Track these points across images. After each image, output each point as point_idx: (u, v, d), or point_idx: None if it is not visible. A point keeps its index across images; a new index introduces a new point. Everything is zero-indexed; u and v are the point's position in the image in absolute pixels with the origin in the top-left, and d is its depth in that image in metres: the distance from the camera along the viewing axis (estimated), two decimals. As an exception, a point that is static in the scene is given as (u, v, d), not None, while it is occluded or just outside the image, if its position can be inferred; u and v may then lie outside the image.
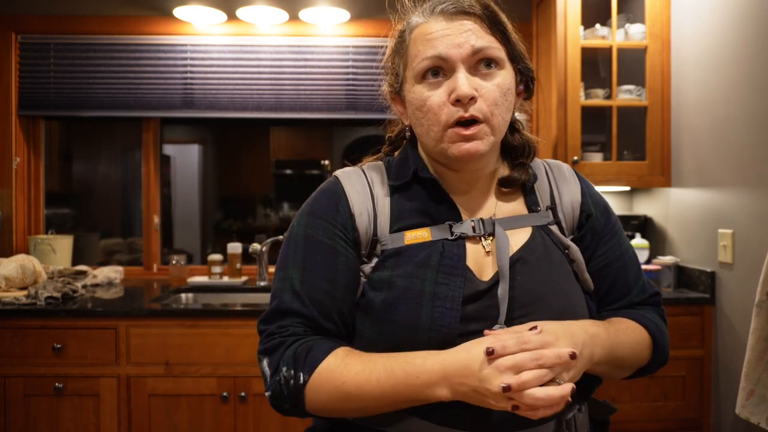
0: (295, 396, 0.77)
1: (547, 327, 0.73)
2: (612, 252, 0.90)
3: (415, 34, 0.83)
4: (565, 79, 2.38)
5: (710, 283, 2.17)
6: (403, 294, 0.78)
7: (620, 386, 2.16)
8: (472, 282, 0.80)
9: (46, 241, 2.68)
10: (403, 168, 0.88)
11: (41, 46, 2.74)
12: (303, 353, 0.77)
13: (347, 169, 0.91)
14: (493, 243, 0.84)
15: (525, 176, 0.89)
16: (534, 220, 0.87)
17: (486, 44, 0.79)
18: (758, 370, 1.52)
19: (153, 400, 2.06)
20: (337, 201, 0.85)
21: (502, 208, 0.88)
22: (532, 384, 0.66)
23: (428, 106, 0.80)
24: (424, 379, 0.72)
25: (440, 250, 0.81)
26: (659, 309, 0.94)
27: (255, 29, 2.76)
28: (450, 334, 0.75)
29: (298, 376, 0.76)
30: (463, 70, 0.79)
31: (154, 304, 2.13)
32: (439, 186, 0.86)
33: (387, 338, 0.78)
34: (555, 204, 0.90)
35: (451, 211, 0.85)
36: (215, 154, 4.90)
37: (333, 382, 0.75)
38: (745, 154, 1.98)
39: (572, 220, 0.90)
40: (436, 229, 0.83)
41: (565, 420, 0.80)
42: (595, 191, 0.95)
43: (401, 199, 0.86)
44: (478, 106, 0.79)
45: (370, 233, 0.84)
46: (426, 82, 0.81)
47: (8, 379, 2.04)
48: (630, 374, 0.91)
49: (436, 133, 0.80)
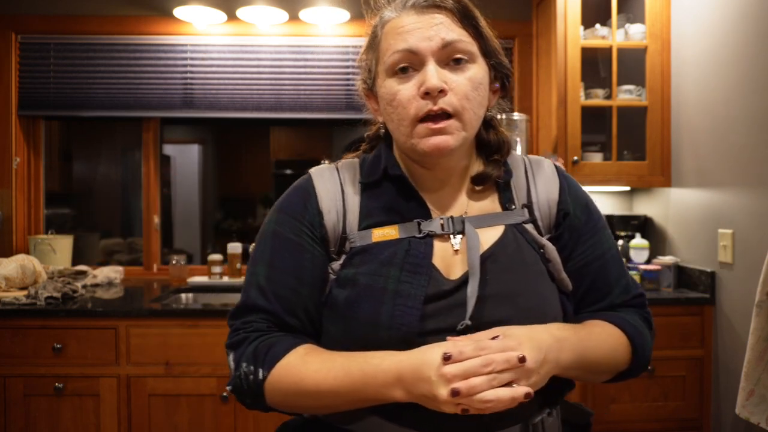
0: (255, 391, 0.78)
1: (510, 332, 0.72)
2: (592, 251, 0.88)
3: (387, 29, 0.82)
4: (565, 79, 2.38)
5: (710, 283, 2.17)
6: (365, 291, 0.78)
7: (620, 386, 2.16)
8: (437, 281, 0.79)
9: (46, 241, 2.68)
10: (375, 166, 0.87)
11: (41, 46, 2.74)
12: (264, 349, 0.78)
13: (321, 167, 0.90)
14: (462, 241, 0.83)
15: (497, 172, 0.87)
16: (507, 219, 0.86)
17: (457, 37, 0.79)
18: (758, 370, 1.53)
19: (153, 400, 2.06)
20: (306, 198, 0.85)
21: (474, 206, 0.87)
22: (482, 389, 0.66)
23: (398, 100, 0.79)
24: (380, 380, 0.72)
25: (406, 247, 0.81)
26: (643, 311, 0.91)
27: (255, 29, 2.76)
28: (410, 332, 0.75)
29: (258, 372, 0.77)
30: (433, 63, 0.78)
31: (154, 304, 2.13)
32: (408, 183, 0.85)
33: (349, 336, 0.78)
34: (531, 202, 0.88)
35: (420, 208, 0.85)
36: (215, 154, 4.90)
37: (291, 379, 0.76)
38: (745, 154, 1.98)
39: (549, 218, 0.88)
40: (404, 227, 0.83)
41: (532, 424, 0.79)
42: (578, 188, 0.92)
43: (371, 197, 0.86)
44: (447, 99, 0.78)
45: (338, 231, 0.84)
46: (397, 77, 0.80)
47: (8, 379, 2.04)
48: (609, 378, 0.88)
49: (406, 128, 0.80)
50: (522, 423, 0.78)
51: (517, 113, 2.43)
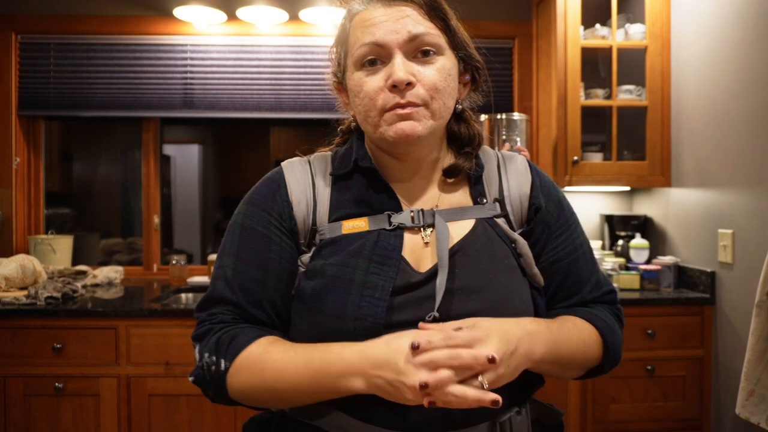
0: (217, 382, 0.77)
1: (480, 323, 0.71)
2: (563, 247, 0.87)
3: (355, 21, 0.82)
4: (565, 79, 2.39)
5: (710, 283, 2.17)
6: (332, 283, 0.78)
7: (620, 386, 2.16)
8: (405, 273, 0.79)
9: (46, 241, 2.68)
10: (346, 158, 0.87)
11: (41, 46, 2.74)
12: (227, 340, 0.77)
13: (293, 160, 0.90)
14: (432, 234, 0.83)
15: (468, 165, 0.87)
16: (478, 212, 0.86)
17: (423, 30, 0.79)
18: (758, 370, 1.53)
19: (153, 400, 2.06)
20: (275, 190, 0.85)
21: (446, 199, 0.87)
22: (450, 382, 0.66)
23: (365, 92, 0.79)
24: (340, 369, 0.71)
25: (375, 239, 0.80)
26: (614, 308, 0.91)
27: (255, 29, 2.76)
28: (376, 324, 0.74)
29: (219, 363, 0.76)
30: (400, 56, 0.78)
31: (154, 304, 2.13)
32: (378, 175, 0.84)
33: (316, 327, 0.78)
34: (503, 196, 0.88)
35: (391, 201, 0.84)
36: (215, 154, 4.90)
37: (253, 369, 0.75)
38: (745, 154, 1.98)
39: (520, 212, 0.88)
40: (374, 219, 0.82)
41: (500, 422, 0.78)
42: (550, 184, 0.92)
43: (341, 189, 0.86)
44: (415, 92, 0.78)
45: (308, 223, 0.84)
46: (365, 69, 0.80)
47: (8, 379, 2.04)
48: (581, 374, 0.88)
49: (373, 119, 0.80)
50: (489, 421, 0.78)
51: (517, 113, 2.43)
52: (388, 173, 0.87)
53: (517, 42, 2.83)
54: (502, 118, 2.40)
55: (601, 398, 2.16)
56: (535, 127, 2.71)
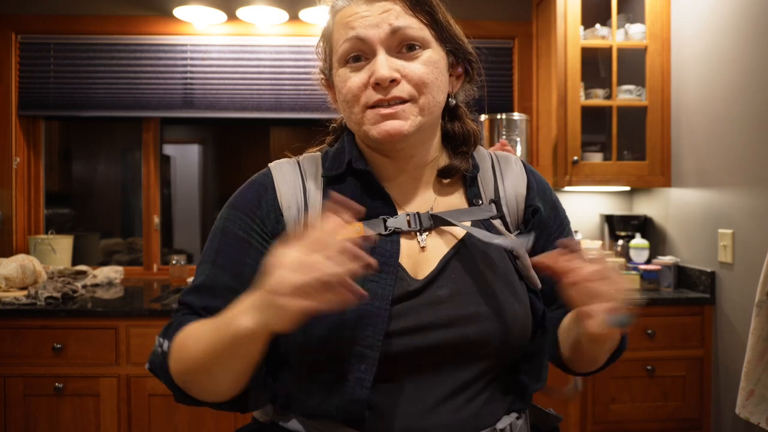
0: (162, 365, 0.74)
1: None
2: None
3: (338, 18, 0.81)
4: (565, 79, 2.38)
5: (710, 283, 2.17)
6: None
7: (620, 386, 2.16)
8: (403, 281, 0.77)
9: (46, 241, 2.68)
10: (338, 158, 0.84)
11: (41, 46, 2.74)
12: (176, 324, 0.75)
13: (282, 161, 0.87)
14: (428, 239, 0.81)
15: (464, 165, 0.85)
16: (474, 214, 0.83)
17: (405, 24, 0.77)
18: (758, 370, 1.53)
19: (153, 400, 2.05)
20: (261, 194, 0.82)
21: (441, 201, 0.85)
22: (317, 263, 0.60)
23: (348, 88, 0.78)
24: (232, 312, 0.66)
25: (371, 245, 0.77)
26: None
27: (255, 29, 2.76)
28: (376, 333, 0.72)
29: (163, 344, 0.74)
30: (383, 52, 0.76)
31: (154, 304, 2.13)
32: (373, 178, 0.82)
33: (313, 338, 0.74)
34: (499, 197, 0.86)
35: (386, 205, 0.82)
36: (215, 154, 4.90)
37: (183, 343, 0.73)
38: (745, 154, 1.98)
39: (516, 214, 0.87)
40: (369, 223, 0.79)
41: (500, 430, 0.77)
42: (546, 186, 0.91)
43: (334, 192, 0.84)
44: (401, 88, 0.76)
45: (299, 227, 0.81)
46: (349, 66, 0.79)
47: (8, 379, 2.04)
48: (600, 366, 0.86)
49: (357, 115, 0.78)
50: (489, 428, 0.76)
51: (517, 113, 2.43)
52: (378, 171, 0.84)
53: (517, 42, 2.83)
54: (502, 118, 2.40)
55: (601, 398, 2.16)
56: (535, 127, 2.71)
